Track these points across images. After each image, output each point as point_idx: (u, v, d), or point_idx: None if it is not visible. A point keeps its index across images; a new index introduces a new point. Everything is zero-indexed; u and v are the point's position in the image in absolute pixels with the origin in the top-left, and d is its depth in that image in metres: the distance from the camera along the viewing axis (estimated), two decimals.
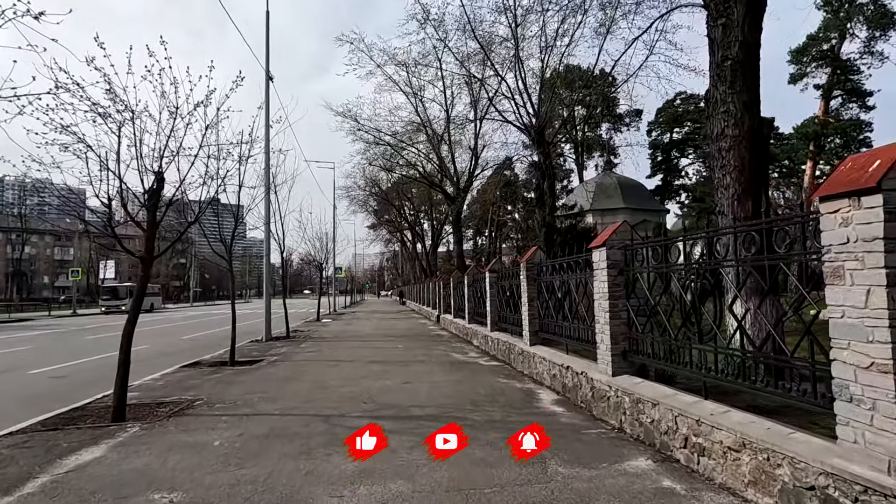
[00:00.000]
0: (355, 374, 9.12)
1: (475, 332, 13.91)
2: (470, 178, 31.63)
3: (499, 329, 12.07)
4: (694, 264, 4.74)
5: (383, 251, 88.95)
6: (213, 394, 7.75)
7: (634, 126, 52.47)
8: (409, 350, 12.77)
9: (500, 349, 10.89)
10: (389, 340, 15.28)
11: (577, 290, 7.28)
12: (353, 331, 19.39)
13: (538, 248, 9.16)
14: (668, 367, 5.07)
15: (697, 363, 4.54)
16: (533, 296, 9.04)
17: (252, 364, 11.05)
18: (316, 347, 13.73)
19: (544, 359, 8.01)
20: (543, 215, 16.14)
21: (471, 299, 15.40)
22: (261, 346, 14.62)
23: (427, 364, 10.30)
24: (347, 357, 11.60)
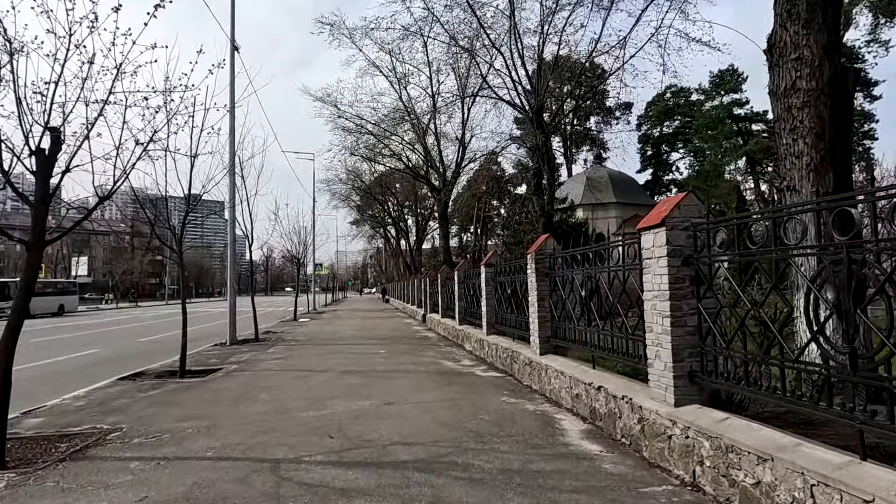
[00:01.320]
0: (326, 391, 7.39)
1: (467, 334, 12.25)
2: (457, 169, 29.94)
3: (497, 332, 10.42)
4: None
5: (366, 248, 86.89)
6: (139, 420, 5.98)
7: (624, 119, 51.22)
8: (392, 356, 11.06)
9: (500, 357, 9.24)
10: (370, 344, 13.55)
11: (610, 286, 5.64)
12: (331, 332, 17.61)
13: (550, 237, 7.51)
14: (790, 404, 3.45)
15: (848, 402, 2.91)
16: (544, 294, 7.40)
17: (205, 375, 9.28)
18: (285, 353, 11.95)
19: (561, 373, 6.36)
20: (542, 203, 14.54)
21: (462, 298, 13.74)
22: (223, 350, 12.80)
23: (414, 376, 8.60)
24: (320, 366, 9.85)
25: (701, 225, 4.18)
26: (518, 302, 8.85)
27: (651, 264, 4.47)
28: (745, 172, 42.27)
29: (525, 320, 8.32)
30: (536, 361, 7.31)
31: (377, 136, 30.35)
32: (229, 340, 13.92)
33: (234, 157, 13.03)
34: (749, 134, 41.90)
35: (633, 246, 5.05)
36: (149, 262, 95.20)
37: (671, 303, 4.20)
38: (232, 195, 13.50)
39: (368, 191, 47.16)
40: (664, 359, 4.28)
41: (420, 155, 31.03)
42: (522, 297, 8.57)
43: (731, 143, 41.11)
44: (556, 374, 6.55)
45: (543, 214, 14.45)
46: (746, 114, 42.68)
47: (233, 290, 14.39)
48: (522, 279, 8.57)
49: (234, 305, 14.25)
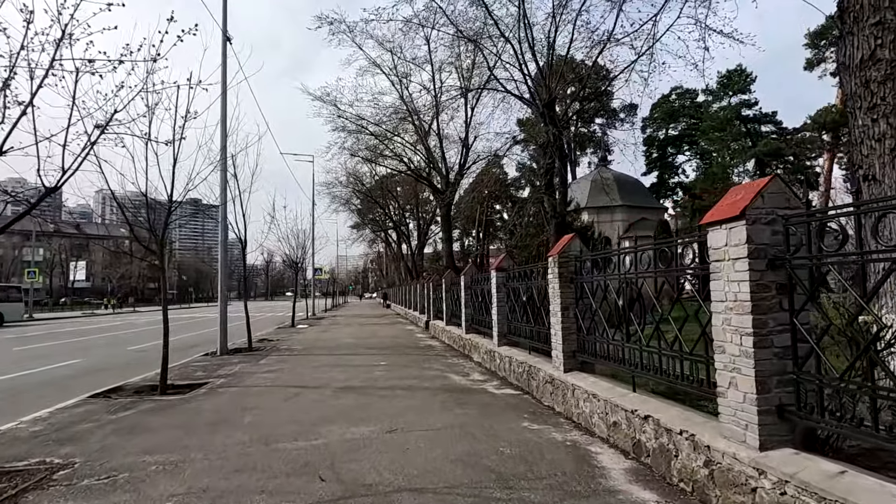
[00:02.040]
0: (319, 414, 6.46)
1: (475, 344, 11.32)
2: (461, 170, 29.06)
3: (509, 343, 9.49)
4: None
5: (367, 252, 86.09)
6: (97, 453, 5.06)
7: (629, 122, 50.40)
8: (393, 369, 10.13)
9: (515, 372, 8.30)
10: (370, 354, 12.62)
11: (658, 294, 4.72)
12: (329, 340, 16.68)
13: (575, 237, 6.59)
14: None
15: None
16: (569, 302, 6.47)
17: (188, 390, 8.38)
18: (278, 365, 11.02)
19: (593, 395, 5.44)
20: (554, 204, 13.63)
21: (469, 304, 12.81)
22: (212, 361, 11.89)
23: (418, 394, 7.66)
24: (314, 381, 8.92)
25: (796, 218, 3.26)
26: (535, 310, 7.93)
27: (722, 268, 3.55)
28: (753, 175, 41.32)
29: (544, 332, 7.40)
30: (560, 379, 6.38)
31: (378, 137, 29.50)
32: (220, 350, 13.00)
33: (225, 148, 12.12)
34: (758, 135, 41.01)
35: (691, 246, 4.15)
36: (148, 266, 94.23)
37: (753, 317, 3.27)
38: (223, 191, 12.59)
39: (369, 194, 46.31)
40: (743, 388, 3.36)
41: (422, 156, 30.16)
42: (541, 306, 7.65)
43: (740, 144, 40.22)
44: (586, 397, 5.62)
45: (556, 215, 13.54)
46: (755, 115, 41.82)
47: (224, 297, 13.47)
48: (541, 285, 7.65)
49: (225, 313, 13.32)
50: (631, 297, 5.09)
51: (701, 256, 4.03)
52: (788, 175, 39.25)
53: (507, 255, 9.85)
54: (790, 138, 39.13)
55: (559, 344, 6.54)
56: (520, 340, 8.94)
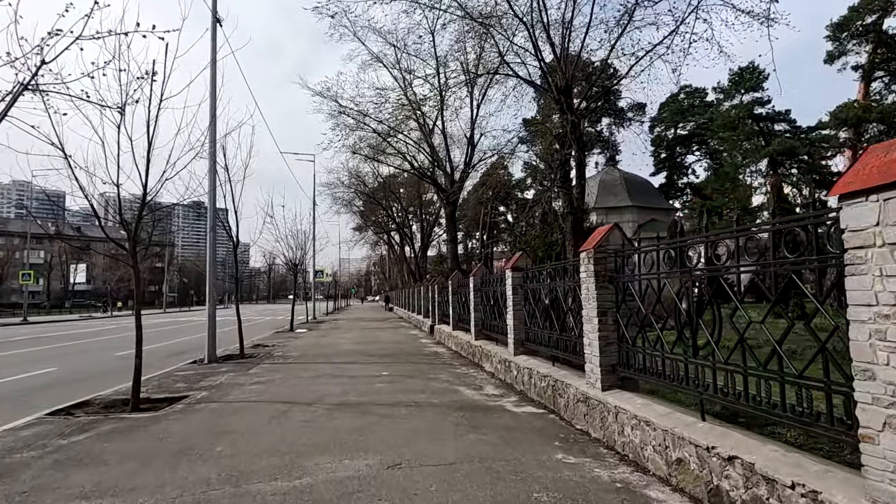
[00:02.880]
0: (307, 440, 5.38)
1: (486, 352, 10.24)
2: (466, 169, 27.98)
3: (528, 352, 8.42)
4: None
5: (369, 254, 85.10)
6: (22, 496, 4.01)
7: (637, 121, 49.30)
8: (397, 380, 9.04)
9: (537, 386, 7.20)
10: (371, 363, 11.55)
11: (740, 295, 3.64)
12: (328, 346, 15.61)
13: (615, 227, 5.52)
14: None
15: None
16: (607, 306, 5.39)
17: (162, 406, 7.34)
18: (268, 375, 9.95)
19: (645, 422, 4.35)
20: (571, 199, 12.54)
21: (478, 308, 11.73)
22: (198, 370, 10.84)
23: (426, 412, 6.57)
24: (306, 395, 7.84)
25: None
26: (561, 316, 6.85)
27: (869, 258, 2.47)
28: (766, 175, 40.18)
29: (573, 341, 6.33)
30: (597, 399, 5.29)
31: (381, 135, 28.50)
32: (207, 358, 11.94)
33: (214, 128, 11.05)
34: (771, 134, 39.83)
35: (802, 233, 3.07)
36: (148, 269, 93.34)
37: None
38: (212, 180, 11.54)
39: (372, 195, 45.32)
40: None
41: (426, 154, 29.12)
42: (568, 310, 6.58)
43: (753, 143, 39.04)
44: (635, 423, 4.53)
45: (572, 212, 12.45)
46: (768, 113, 40.63)
47: (213, 300, 12.42)
48: (568, 286, 6.58)
49: (213, 317, 12.27)
50: (700, 300, 4.00)
51: (816, 244, 2.96)
52: (803, 175, 38.06)
53: (524, 253, 8.77)
54: (804, 137, 37.95)
55: (595, 356, 5.45)
56: (540, 349, 7.87)
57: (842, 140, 30.61)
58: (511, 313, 8.67)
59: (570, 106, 12.16)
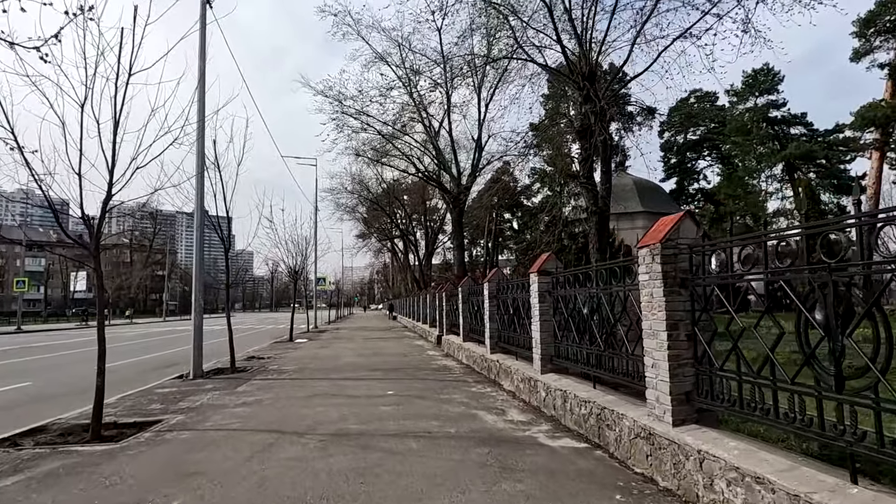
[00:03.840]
0: (290, 493, 4.16)
1: (505, 368, 9.02)
2: (473, 172, 26.86)
3: (558, 370, 7.22)
4: None
5: (372, 262, 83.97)
6: None
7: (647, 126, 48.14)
8: (404, 402, 7.83)
9: (574, 413, 5.98)
10: (375, 379, 10.35)
11: None
12: (328, 358, 14.40)
13: (687, 216, 4.34)
14: None
15: None
16: (679, 317, 4.19)
17: (126, 434, 6.18)
18: (258, 394, 8.74)
19: (757, 479, 3.13)
20: (595, 197, 11.39)
21: (494, 318, 10.53)
22: (181, 387, 9.68)
23: (442, 448, 5.36)
24: (298, 422, 6.64)
25: None
26: (605, 328, 5.66)
27: None
28: (781, 179, 38.95)
29: (623, 360, 5.13)
30: (668, 438, 4.08)
31: (385, 136, 27.44)
32: (192, 372, 10.77)
33: (203, 110, 9.91)
34: (787, 138, 38.59)
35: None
36: (150, 277, 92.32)
37: None
38: (200, 172, 10.41)
39: (376, 202, 44.25)
40: None
41: (431, 156, 28.01)
42: (616, 321, 5.38)
43: (768, 147, 37.81)
44: (735, 478, 3.32)
45: (597, 211, 11.28)
46: (783, 116, 39.42)
47: (199, 309, 11.27)
48: (616, 292, 5.39)
49: (199, 328, 11.13)
50: (847, 309, 2.80)
51: None
52: (821, 179, 36.74)
53: (553, 255, 7.58)
54: (821, 141, 36.71)
55: (662, 381, 4.24)
56: (574, 367, 6.67)
57: (868, 141, 29.30)
58: (537, 325, 7.47)
59: (596, 93, 11.03)
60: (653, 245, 4.36)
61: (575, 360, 6.56)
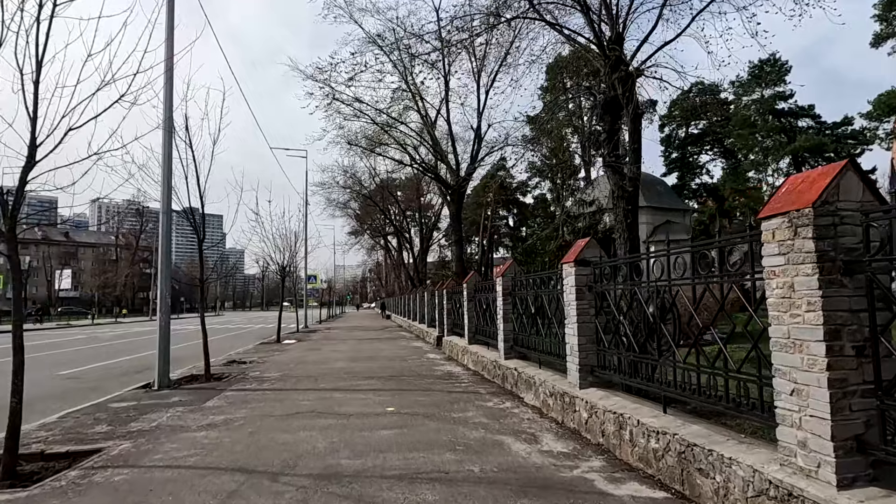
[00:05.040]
0: None
1: (527, 379, 7.57)
2: (473, 162, 25.39)
3: (601, 384, 5.78)
4: None
5: (365, 259, 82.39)
6: None
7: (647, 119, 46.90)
8: (409, 425, 6.34)
9: (639, 447, 4.51)
10: (371, 389, 8.88)
11: None
12: (317, 363, 12.90)
13: (851, 166, 2.89)
14: None
15: None
16: (842, 320, 2.74)
17: (48, 473, 4.74)
18: (230, 411, 7.23)
19: None
20: (622, 179, 9.97)
21: (509, 319, 9.07)
22: (141, 400, 8.17)
23: (467, 500, 3.89)
24: (273, 456, 5.14)
25: None
26: (687, 332, 4.22)
27: None
28: (788, 173, 37.69)
29: (711, 377, 3.68)
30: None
31: (379, 124, 25.93)
32: (157, 382, 9.25)
33: (171, 64, 8.34)
34: (794, 130, 37.37)
35: None
36: (138, 275, 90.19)
37: None
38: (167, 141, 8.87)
39: (369, 196, 42.69)
40: None
41: (428, 146, 26.51)
42: (710, 325, 3.93)
43: (775, 140, 36.57)
44: None
45: (624, 195, 9.85)
46: (790, 108, 38.19)
47: (165, 308, 9.75)
48: (705, 285, 3.95)
49: (167, 330, 9.62)
50: None
51: None
52: None
53: (591, 240, 6.13)
54: (829, 133, 35.54)
55: (817, 418, 2.79)
56: (622, 381, 5.24)
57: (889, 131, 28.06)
58: (574, 327, 6.01)
59: (622, 60, 9.61)
60: (795, 212, 2.90)
61: (629, 373, 5.11)
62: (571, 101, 30.92)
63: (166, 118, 8.94)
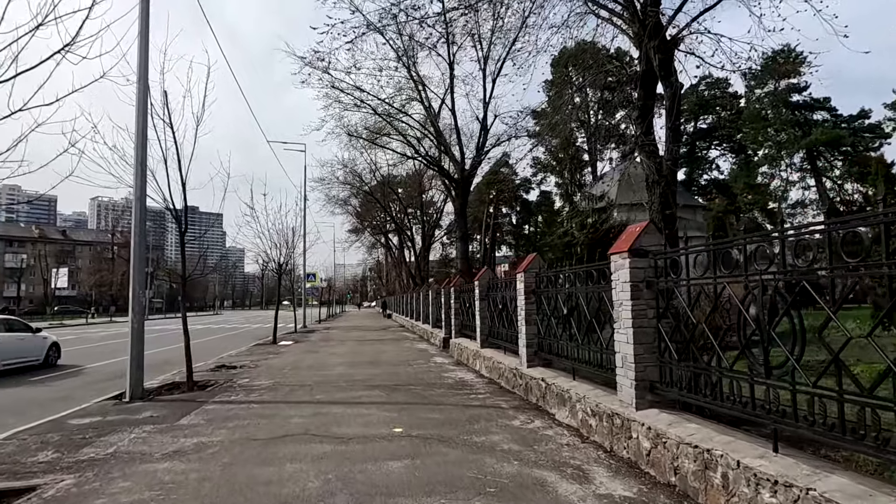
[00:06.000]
0: None
1: (560, 393, 6.40)
2: (478, 155, 24.20)
3: (664, 404, 4.61)
4: None
5: (365, 258, 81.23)
6: None
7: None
8: (423, 453, 5.16)
9: (744, 497, 3.34)
10: (374, 402, 7.71)
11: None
12: (313, 368, 11.72)
13: None
14: None
15: None
16: None
17: None
18: (204, 434, 6.04)
19: None
20: (658, 163, 8.80)
21: (532, 321, 7.89)
22: (106, 416, 7.00)
23: None
24: (249, 498, 3.98)
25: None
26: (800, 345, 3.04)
27: None
28: (801, 167, 36.53)
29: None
30: None
31: (380, 115, 24.73)
32: (129, 393, 8.08)
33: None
34: (809, 124, 36.12)
35: None
36: None
37: None
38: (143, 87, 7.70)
39: (370, 193, 41.50)
40: None
41: (432, 138, 25.35)
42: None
43: (789, 133, 35.34)
44: None
45: (660, 181, 8.68)
46: (805, 101, 36.95)
47: (139, 307, 8.56)
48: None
49: (140, 333, 8.41)
50: None
51: None
52: (848, 168, 34.31)
53: (650, 224, 4.96)
54: (845, 126, 34.33)
55: None
56: (706, 405, 4.07)
57: None
58: (628, 333, 4.83)
59: (661, 25, 8.44)
60: None
61: (711, 394, 3.94)
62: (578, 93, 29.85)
63: (141, 76, 7.75)
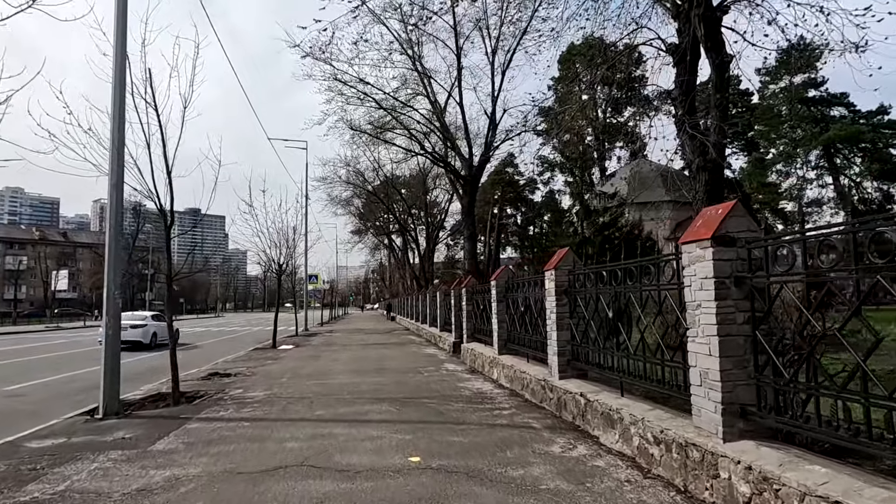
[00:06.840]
0: None
1: (605, 411, 5.36)
2: (487, 151, 23.19)
3: (765, 436, 3.55)
4: None
5: (368, 259, 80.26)
6: None
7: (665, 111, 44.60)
8: (448, 497, 4.13)
9: None
10: (383, 420, 6.67)
11: None
12: (314, 376, 10.70)
13: None
14: None
15: None
16: None
17: None
18: (179, 464, 5.01)
19: None
20: (702, 147, 7.78)
21: (564, 325, 6.85)
22: (74, 436, 5.98)
23: None
24: None
25: None
26: None
27: None
28: (817, 165, 35.41)
29: None
30: None
31: (385, 108, 23.76)
32: (103, 408, 7.05)
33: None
34: (826, 120, 35.00)
35: None
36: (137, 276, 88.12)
37: None
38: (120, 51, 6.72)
39: (374, 192, 40.58)
40: None
41: (438, 133, 24.37)
42: None
43: (805, 130, 34.22)
44: None
45: (707, 166, 7.66)
46: (822, 96, 35.83)
47: (114, 310, 7.53)
48: None
49: (116, 340, 7.40)
50: None
51: None
52: (867, 165, 33.17)
53: (738, 205, 3.93)
54: (864, 123, 33.23)
55: None
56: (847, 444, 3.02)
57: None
58: (713, 343, 3.79)
59: None
60: None
61: (835, 425, 2.91)
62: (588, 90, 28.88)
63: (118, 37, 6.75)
